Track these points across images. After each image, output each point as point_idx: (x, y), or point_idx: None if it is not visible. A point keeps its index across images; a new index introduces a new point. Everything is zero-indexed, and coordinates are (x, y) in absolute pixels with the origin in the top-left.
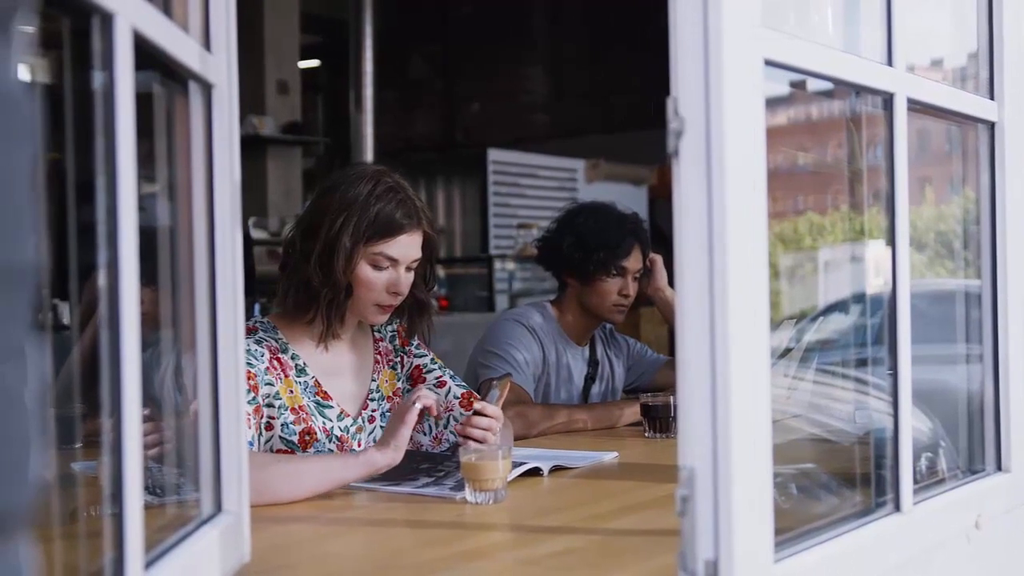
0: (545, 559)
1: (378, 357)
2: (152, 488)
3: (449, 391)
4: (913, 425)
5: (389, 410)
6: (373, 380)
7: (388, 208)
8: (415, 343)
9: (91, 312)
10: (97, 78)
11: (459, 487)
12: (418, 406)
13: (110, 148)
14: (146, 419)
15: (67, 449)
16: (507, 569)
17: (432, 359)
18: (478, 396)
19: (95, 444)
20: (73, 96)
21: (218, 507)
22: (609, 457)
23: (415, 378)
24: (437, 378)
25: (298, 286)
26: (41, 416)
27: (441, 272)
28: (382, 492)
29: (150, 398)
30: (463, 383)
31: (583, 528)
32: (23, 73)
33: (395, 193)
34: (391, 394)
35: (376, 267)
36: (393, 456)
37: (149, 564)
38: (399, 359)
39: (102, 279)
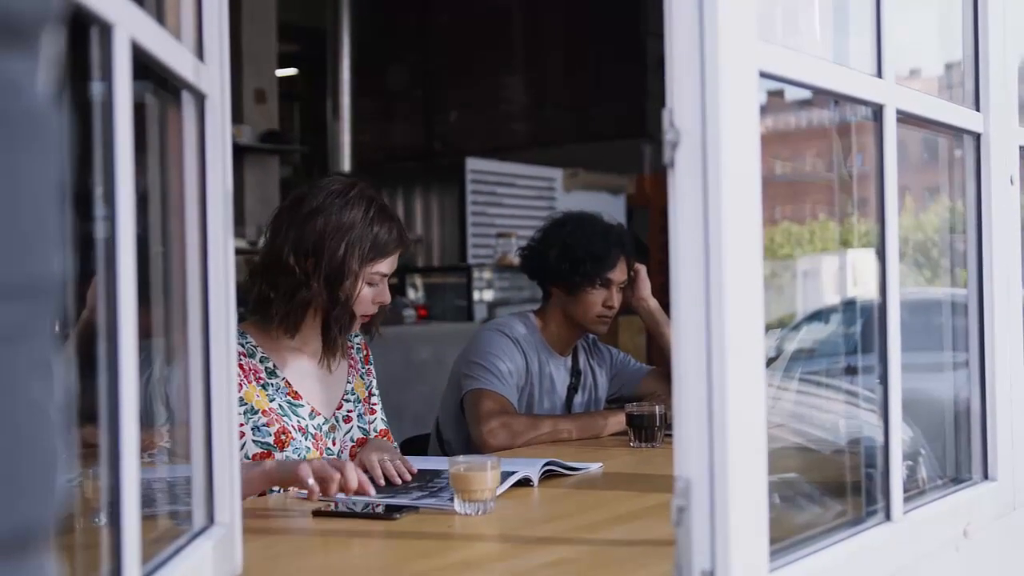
0: (538, 570)
1: (352, 362)
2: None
3: (374, 422)
4: None
5: (363, 413)
6: (348, 382)
7: (384, 230)
8: (371, 363)
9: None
10: (95, 88)
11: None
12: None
13: (108, 158)
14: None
15: None
16: None
17: (376, 384)
18: (391, 436)
19: (83, 456)
20: (68, 105)
21: (211, 519)
22: (595, 467)
23: (370, 396)
24: (373, 404)
25: (298, 307)
26: (64, 430)
27: (419, 281)
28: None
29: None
30: (386, 419)
31: (574, 539)
32: (49, 87)
33: (386, 213)
34: (363, 399)
35: (370, 284)
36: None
37: None
38: (365, 370)
39: (100, 289)
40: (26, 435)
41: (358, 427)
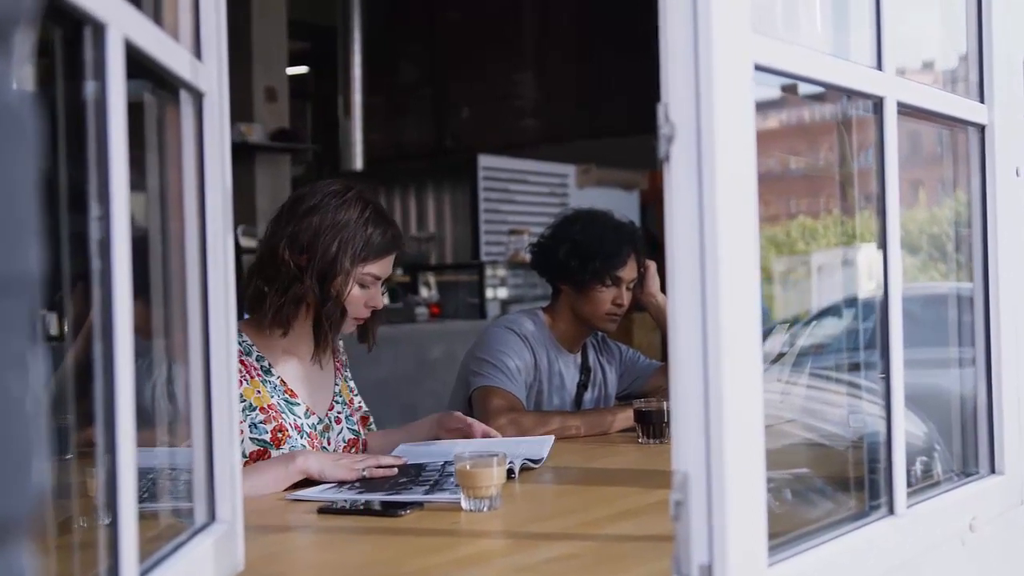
0: (541, 565)
1: (338, 366)
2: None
3: (357, 412)
4: (907, 429)
5: (350, 415)
6: (336, 384)
7: (378, 232)
8: (347, 368)
9: (82, 321)
10: (89, 87)
11: (459, 491)
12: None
13: (102, 157)
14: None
15: (59, 460)
16: (504, 575)
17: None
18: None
19: (87, 455)
20: (63, 105)
21: (212, 516)
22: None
23: (353, 398)
24: (359, 404)
25: (291, 302)
26: (42, 424)
27: (432, 279)
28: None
29: (141, 409)
30: (356, 429)
31: (578, 534)
32: (23, 83)
33: (381, 216)
34: (348, 401)
35: (362, 286)
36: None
37: (143, 574)
38: (348, 373)
39: (95, 290)
40: (2, 429)
41: (348, 428)
